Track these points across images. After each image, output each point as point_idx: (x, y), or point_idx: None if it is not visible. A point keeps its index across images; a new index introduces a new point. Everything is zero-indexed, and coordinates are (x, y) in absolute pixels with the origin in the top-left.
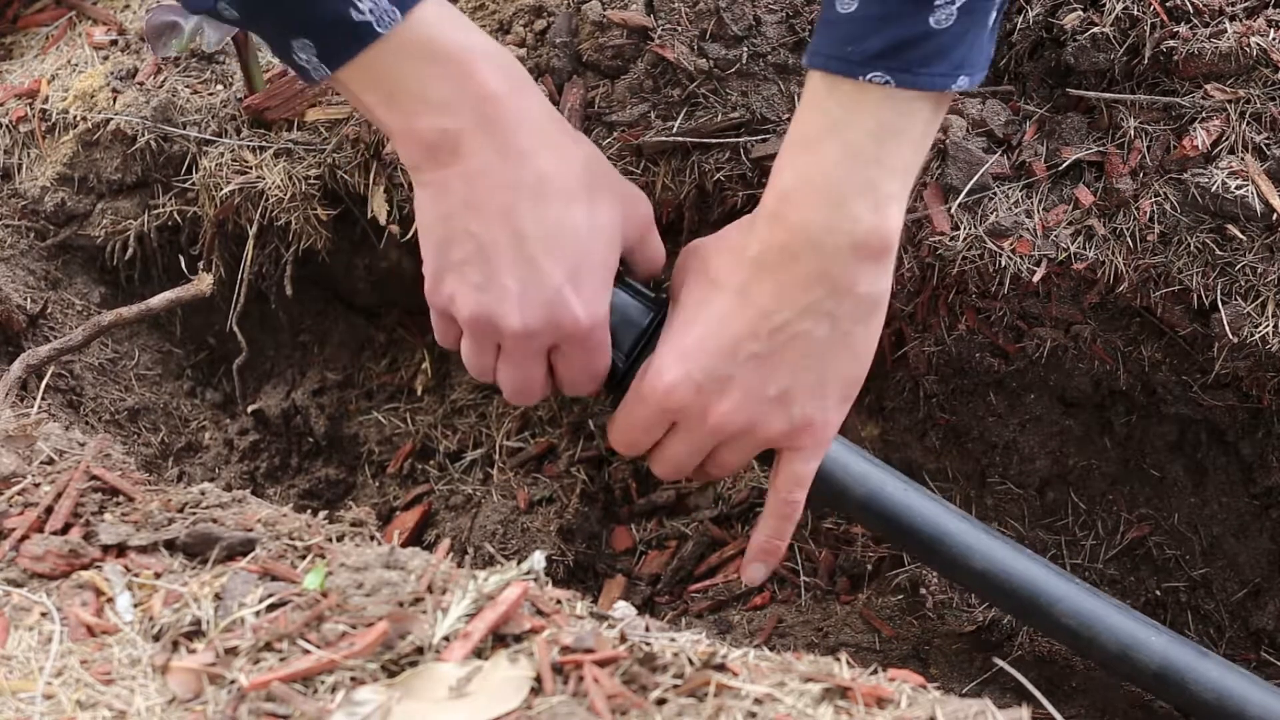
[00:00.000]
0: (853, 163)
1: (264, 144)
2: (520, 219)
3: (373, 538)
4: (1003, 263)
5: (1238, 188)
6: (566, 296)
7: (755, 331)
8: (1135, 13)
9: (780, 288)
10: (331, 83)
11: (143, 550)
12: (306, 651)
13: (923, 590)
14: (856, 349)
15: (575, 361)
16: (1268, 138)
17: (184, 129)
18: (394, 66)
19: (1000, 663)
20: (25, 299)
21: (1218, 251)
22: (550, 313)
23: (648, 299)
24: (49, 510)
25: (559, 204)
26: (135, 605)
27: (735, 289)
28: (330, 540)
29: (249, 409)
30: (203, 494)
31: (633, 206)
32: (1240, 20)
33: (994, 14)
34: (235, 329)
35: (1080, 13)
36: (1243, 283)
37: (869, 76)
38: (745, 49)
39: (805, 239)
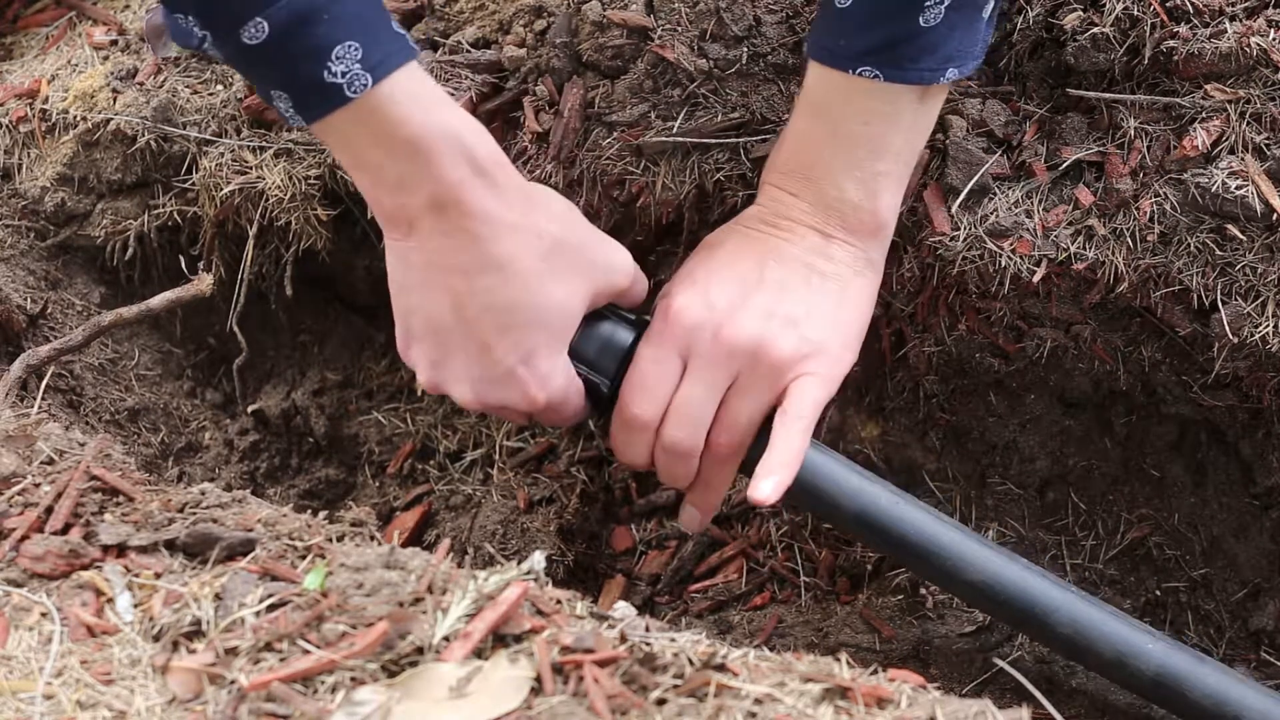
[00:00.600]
0: (842, 144)
1: (264, 144)
2: (471, 303)
3: (373, 538)
4: (1003, 263)
5: (1238, 188)
6: (520, 377)
7: (764, 258)
8: (1135, 13)
9: (777, 248)
10: (308, 132)
11: (143, 550)
12: (306, 652)
13: (923, 590)
14: (857, 299)
15: (543, 418)
16: (1268, 138)
17: (184, 129)
18: (357, 135)
19: (1000, 663)
20: (25, 299)
21: (1218, 251)
22: (503, 393)
23: (629, 322)
24: (49, 510)
25: (512, 286)
26: (135, 605)
27: (733, 246)
28: (330, 540)
29: (249, 409)
30: (203, 494)
31: (606, 278)
32: (1240, 20)
33: (988, 7)
34: (235, 329)
35: (1080, 13)
36: (1243, 283)
37: (859, 70)
38: (745, 49)
39: (796, 210)
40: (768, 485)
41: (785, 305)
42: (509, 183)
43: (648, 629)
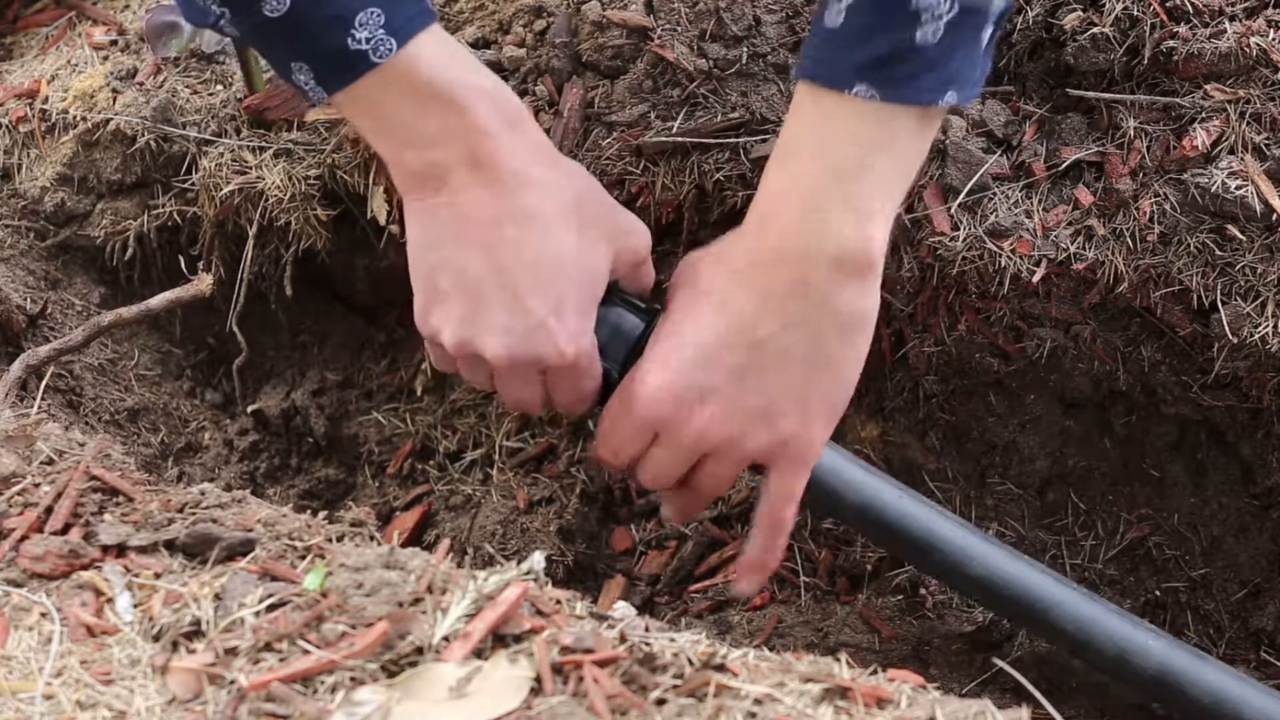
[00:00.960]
0: (834, 177)
1: (264, 144)
2: (504, 252)
3: (372, 538)
4: (1003, 263)
5: (1237, 188)
6: (551, 328)
7: (736, 342)
8: (1135, 13)
9: (762, 300)
10: (330, 104)
11: (143, 550)
12: (306, 652)
13: (922, 590)
14: (838, 370)
15: (564, 385)
16: (1267, 138)
17: (184, 129)
18: (386, 98)
19: (1000, 663)
20: (25, 299)
21: (1218, 252)
22: (534, 345)
23: (639, 310)
24: (49, 510)
25: (544, 237)
26: (135, 605)
27: (719, 299)
28: (330, 540)
29: (249, 409)
30: (202, 494)
31: (625, 240)
32: (1240, 20)
33: (987, 30)
34: (235, 329)
35: (1080, 13)
36: (1242, 283)
37: (854, 90)
38: (745, 49)
39: (786, 252)
40: (750, 585)
41: (755, 395)
42: (537, 138)
43: (647, 629)
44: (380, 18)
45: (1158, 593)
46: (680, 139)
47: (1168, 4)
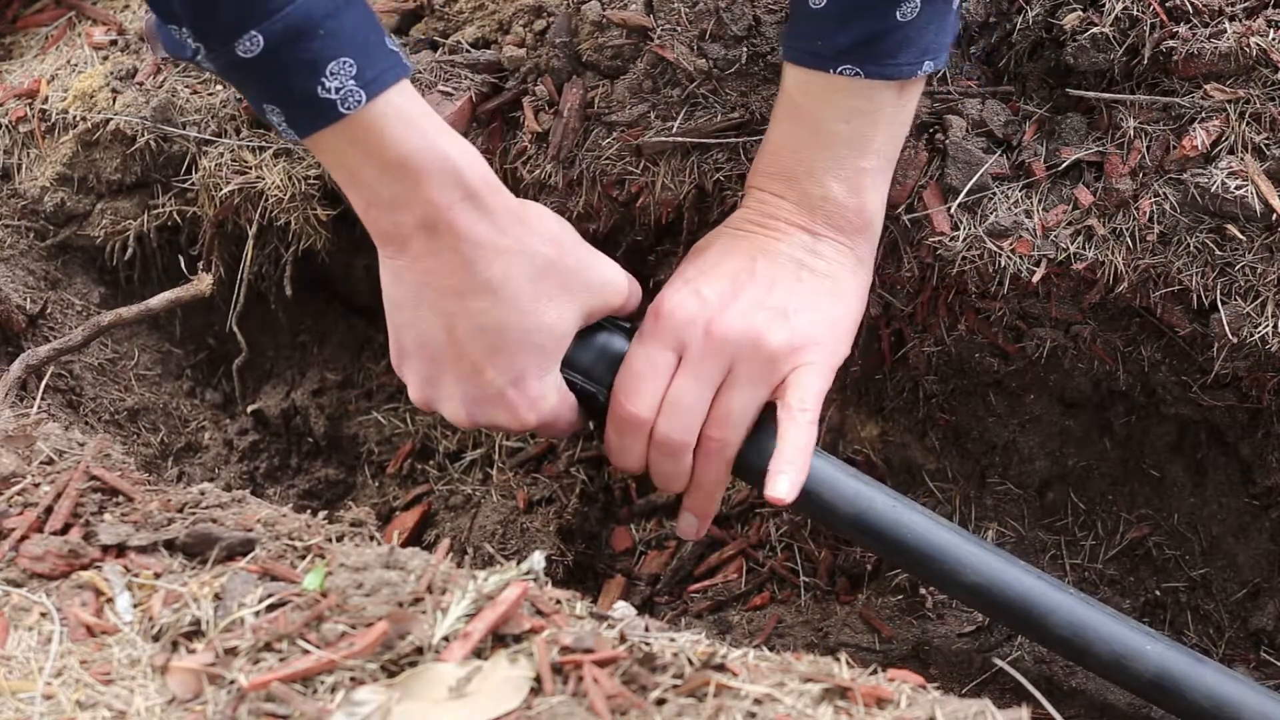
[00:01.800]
0: (824, 144)
1: (264, 144)
2: (463, 324)
3: (372, 538)
4: (1002, 263)
5: (1237, 188)
6: (510, 399)
7: (754, 255)
8: (1135, 13)
9: (770, 242)
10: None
11: (142, 550)
12: (306, 652)
13: (922, 590)
14: (847, 295)
15: (537, 431)
16: (1267, 138)
17: (184, 129)
18: (350, 151)
19: (1000, 663)
20: (25, 299)
21: (1217, 251)
22: (493, 414)
23: (624, 330)
24: (49, 510)
25: (503, 309)
26: (135, 605)
27: (722, 245)
28: (330, 540)
29: (249, 409)
30: (202, 494)
31: (598, 296)
32: (1240, 20)
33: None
34: (235, 329)
35: (1080, 13)
36: (1242, 283)
37: (839, 70)
38: (745, 49)
39: (781, 210)
40: (783, 483)
41: (776, 298)
42: (500, 205)
43: (647, 629)
44: (352, 68)
45: (1158, 593)
46: (680, 139)
47: (1168, 4)
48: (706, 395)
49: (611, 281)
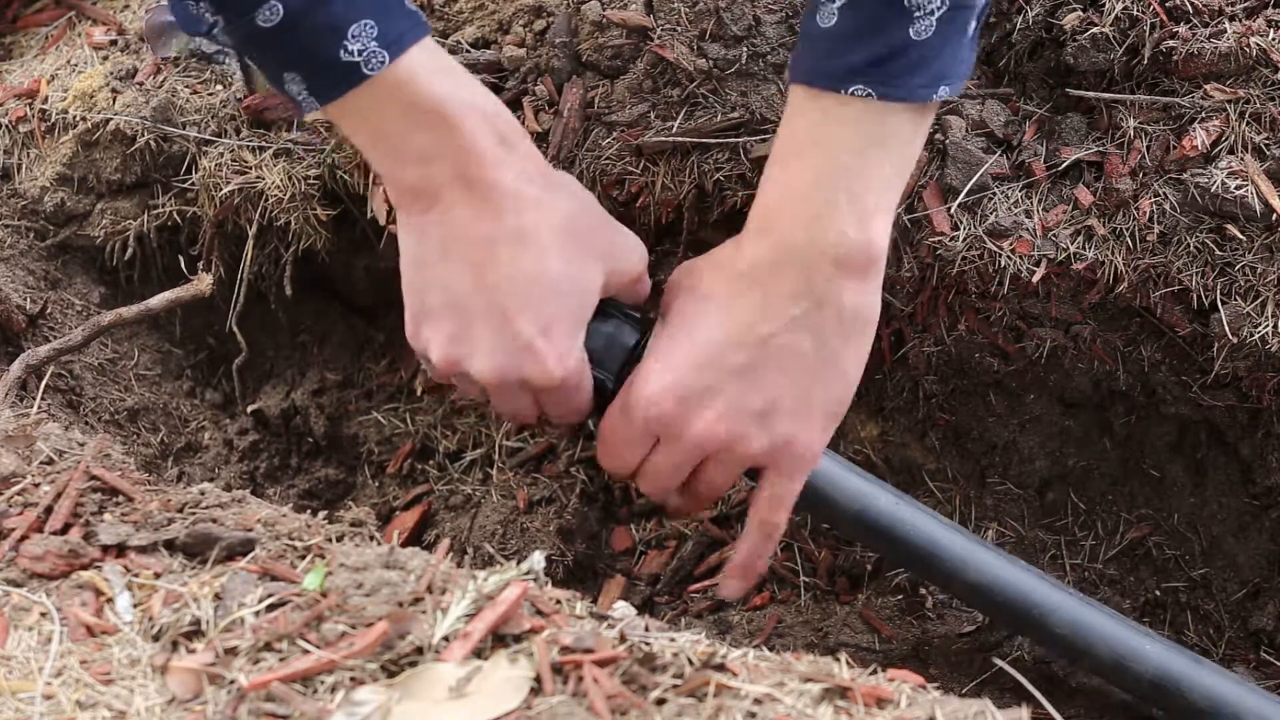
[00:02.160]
0: (835, 176)
1: (264, 144)
2: (493, 273)
3: (372, 538)
4: (1002, 263)
5: (1237, 188)
6: (539, 349)
7: (740, 342)
8: (1135, 13)
9: (765, 300)
10: (323, 116)
11: (142, 550)
12: (306, 651)
13: (922, 590)
14: (842, 367)
15: (555, 401)
16: (1267, 138)
17: (184, 129)
18: (378, 111)
19: (1000, 663)
20: (25, 299)
21: (1217, 251)
22: (521, 366)
23: (634, 320)
24: (49, 510)
25: (535, 258)
26: (135, 605)
27: (722, 301)
28: (330, 540)
29: (249, 409)
30: (202, 494)
31: (619, 259)
32: (1240, 20)
33: (974, 23)
34: (235, 329)
35: (1080, 13)
36: (1242, 283)
37: (851, 90)
38: (745, 49)
39: (789, 253)
40: (731, 587)
41: (758, 396)
42: (531, 156)
43: (647, 629)
44: (374, 30)
45: (1157, 593)
46: (680, 139)
47: (1168, 4)
48: (685, 470)
49: (631, 246)
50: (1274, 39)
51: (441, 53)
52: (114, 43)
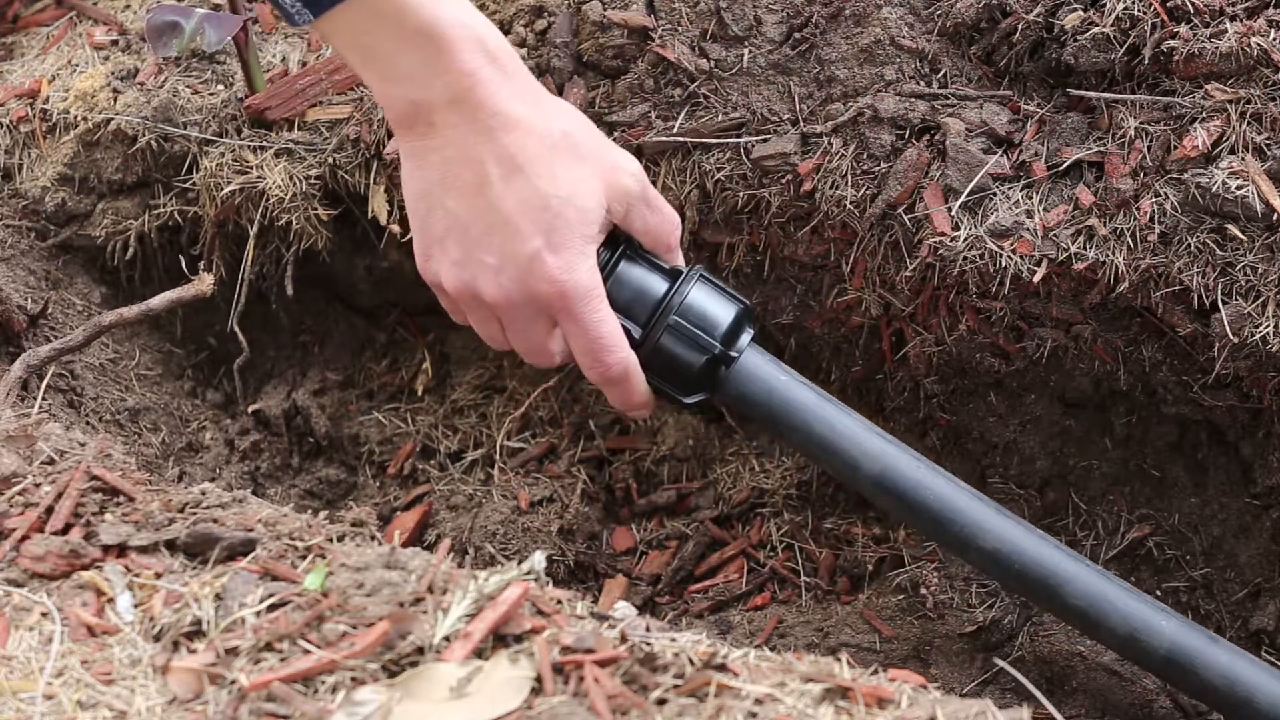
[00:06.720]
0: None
1: (264, 144)
2: (492, 191)
3: (373, 538)
4: (1003, 263)
5: (1238, 188)
6: (542, 261)
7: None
8: (1135, 13)
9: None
10: (317, 33)
11: (143, 550)
12: (307, 652)
13: (923, 590)
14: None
15: (575, 335)
16: (1268, 138)
17: (184, 129)
18: (369, 28)
19: (1000, 663)
20: (25, 299)
21: (1218, 251)
22: (527, 280)
23: (662, 270)
24: (49, 510)
25: (532, 175)
26: (135, 605)
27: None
28: (331, 540)
29: (250, 409)
30: (203, 494)
31: (616, 175)
32: (1240, 20)
33: None
34: (236, 329)
35: (1080, 13)
36: (1243, 283)
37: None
38: (745, 49)
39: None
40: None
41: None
42: (523, 76)
43: (648, 629)
44: None
45: (1158, 593)
46: (681, 139)
47: (1168, 4)
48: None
49: (626, 164)
50: (1275, 39)
51: None
52: (115, 43)
